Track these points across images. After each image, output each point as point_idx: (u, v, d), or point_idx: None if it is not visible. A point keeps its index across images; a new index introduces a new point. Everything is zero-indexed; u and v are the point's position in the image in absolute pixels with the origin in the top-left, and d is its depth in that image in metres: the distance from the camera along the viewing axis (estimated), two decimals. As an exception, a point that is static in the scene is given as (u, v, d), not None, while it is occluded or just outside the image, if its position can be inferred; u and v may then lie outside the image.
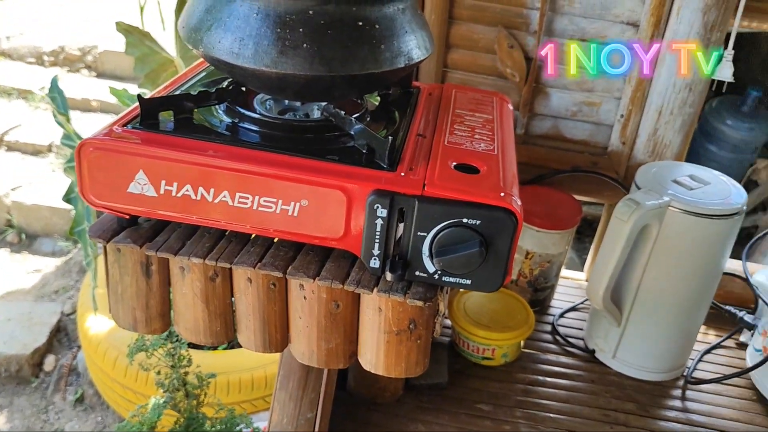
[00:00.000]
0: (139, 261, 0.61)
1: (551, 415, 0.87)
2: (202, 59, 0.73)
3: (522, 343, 0.95)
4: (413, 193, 0.54)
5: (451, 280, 0.57)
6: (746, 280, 0.96)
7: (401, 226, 0.56)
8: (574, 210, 0.98)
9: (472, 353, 0.93)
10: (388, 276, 0.56)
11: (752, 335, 0.96)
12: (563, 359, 0.96)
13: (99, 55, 3.37)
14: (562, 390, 0.91)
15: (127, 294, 0.63)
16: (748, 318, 0.97)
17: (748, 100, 2.26)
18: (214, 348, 1.43)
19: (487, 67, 0.98)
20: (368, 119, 0.66)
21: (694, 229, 0.83)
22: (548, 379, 0.92)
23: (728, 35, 0.90)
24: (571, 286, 1.11)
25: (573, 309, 1.05)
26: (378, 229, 0.55)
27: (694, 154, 2.27)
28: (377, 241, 0.56)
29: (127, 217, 0.60)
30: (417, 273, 0.57)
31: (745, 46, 2.72)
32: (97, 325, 1.62)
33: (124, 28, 1.52)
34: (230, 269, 0.61)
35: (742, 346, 1.00)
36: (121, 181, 0.56)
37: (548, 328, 1.02)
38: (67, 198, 1.34)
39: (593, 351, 0.96)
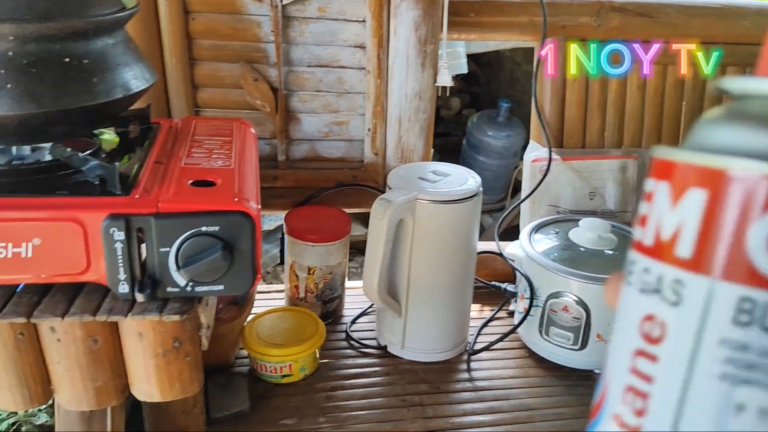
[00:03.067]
0: None
1: (353, 412, 0.91)
2: None
3: (318, 354, 0.99)
4: (148, 211, 0.56)
5: (204, 288, 0.59)
6: (501, 254, 1.09)
7: (144, 247, 0.58)
8: (344, 221, 1.05)
9: (272, 374, 0.95)
10: (139, 297, 0.57)
11: (516, 302, 1.08)
12: (360, 361, 1.02)
13: None
14: (361, 388, 0.96)
15: None
16: (511, 288, 1.09)
17: (501, 111, 2.55)
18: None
19: (238, 102, 1.03)
20: (103, 156, 0.67)
21: (441, 215, 0.93)
22: (347, 381, 0.97)
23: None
24: (360, 294, 1.18)
25: (363, 314, 1.12)
26: (119, 253, 0.56)
27: (468, 166, 2.51)
28: (121, 265, 0.57)
29: None
30: (169, 289, 0.59)
31: (494, 66, 3.08)
32: None
33: None
34: (-30, 328, 0.58)
35: (512, 314, 1.13)
36: None
37: (343, 336, 1.07)
38: None
39: (385, 347, 1.03)
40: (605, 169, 1.15)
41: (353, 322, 1.10)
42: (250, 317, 0.99)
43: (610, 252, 0.99)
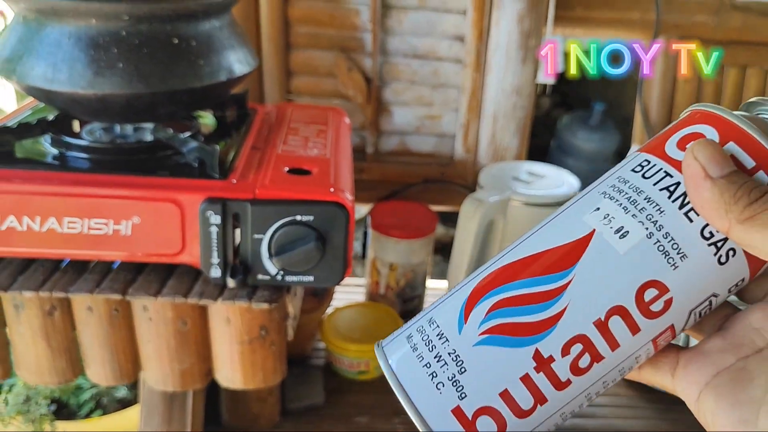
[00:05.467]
0: (-34, 304, 0.58)
1: (429, 415, 0.88)
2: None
3: (396, 351, 0.96)
4: (245, 197, 0.56)
5: (294, 278, 0.58)
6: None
7: (238, 232, 0.57)
8: (430, 219, 1.03)
9: (348, 370, 0.94)
10: (230, 282, 0.57)
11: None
12: (438, 362, 0.99)
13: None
14: (438, 391, 0.93)
15: (-45, 342, 0.59)
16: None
17: (594, 114, 2.46)
18: (88, 415, 1.34)
19: (331, 90, 1.02)
20: (202, 139, 0.67)
21: (534, 218, 0.89)
22: (424, 382, 0.94)
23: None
24: (440, 294, 1.15)
25: (443, 314, 1.09)
26: (214, 236, 0.56)
27: (553, 169, 2.44)
28: (215, 249, 0.56)
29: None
30: (259, 276, 0.58)
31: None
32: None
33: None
34: (69, 301, 0.59)
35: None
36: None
37: (421, 335, 1.04)
38: None
39: (465, 350, 1.00)
40: (712, 180, 1.07)
41: (433, 321, 1.07)
42: (329, 310, 0.98)
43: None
